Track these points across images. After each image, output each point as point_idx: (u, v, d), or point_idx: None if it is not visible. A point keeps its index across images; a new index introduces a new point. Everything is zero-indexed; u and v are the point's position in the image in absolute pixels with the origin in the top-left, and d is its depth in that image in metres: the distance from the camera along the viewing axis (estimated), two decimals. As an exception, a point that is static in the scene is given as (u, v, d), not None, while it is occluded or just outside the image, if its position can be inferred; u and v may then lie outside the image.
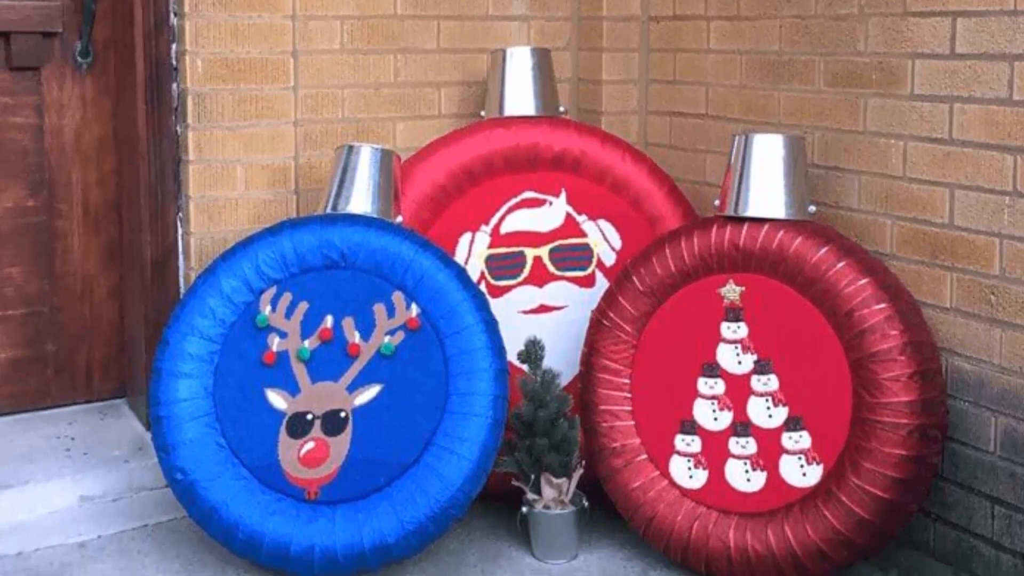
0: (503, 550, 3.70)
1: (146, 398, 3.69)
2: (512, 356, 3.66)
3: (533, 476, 3.64)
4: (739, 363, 3.52)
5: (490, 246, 3.99)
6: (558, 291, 3.99)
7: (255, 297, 3.60)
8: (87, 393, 4.38)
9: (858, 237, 3.61)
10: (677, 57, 4.35)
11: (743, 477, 3.47)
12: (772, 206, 3.55)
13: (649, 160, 4.13)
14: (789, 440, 3.43)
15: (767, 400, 3.47)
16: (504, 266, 3.98)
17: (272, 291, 3.61)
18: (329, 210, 3.77)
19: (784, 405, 3.45)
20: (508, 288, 3.98)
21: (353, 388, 3.53)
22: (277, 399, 3.53)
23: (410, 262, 3.59)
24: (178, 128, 4.00)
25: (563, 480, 3.62)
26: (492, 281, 3.97)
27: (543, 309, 3.99)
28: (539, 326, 3.90)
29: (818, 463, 3.38)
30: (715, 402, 3.53)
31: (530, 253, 3.99)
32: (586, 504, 3.67)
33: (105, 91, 4.26)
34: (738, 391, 3.51)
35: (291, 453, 3.47)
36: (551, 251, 4.00)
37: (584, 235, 4.02)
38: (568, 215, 4.03)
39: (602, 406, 3.64)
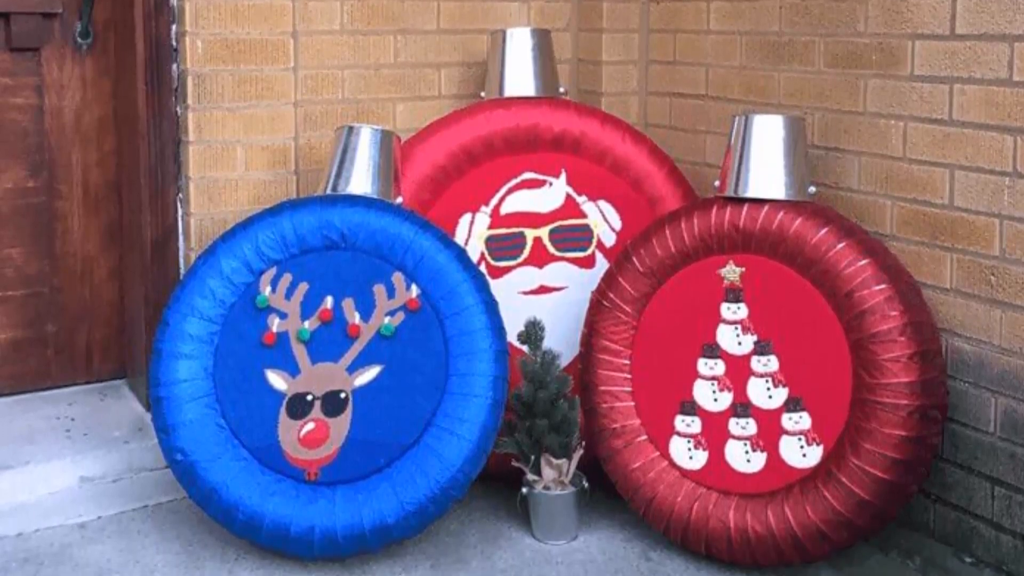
0: (503, 531, 3.71)
1: (146, 379, 3.69)
2: (512, 337, 3.65)
3: (533, 457, 3.64)
4: (739, 344, 3.52)
5: (490, 227, 3.99)
6: (558, 272, 3.99)
7: (255, 278, 3.60)
8: (87, 374, 4.39)
9: (858, 218, 3.61)
10: (677, 38, 4.34)
11: (743, 458, 3.47)
12: (772, 187, 3.54)
13: (649, 141, 4.12)
14: (789, 421, 3.43)
15: (767, 381, 3.47)
16: (504, 247, 3.98)
17: (272, 272, 3.60)
18: (329, 191, 3.77)
19: (784, 386, 3.45)
20: (508, 269, 3.97)
21: (353, 369, 3.53)
22: (277, 380, 3.53)
23: (410, 243, 3.59)
24: (178, 109, 4.00)
25: (563, 461, 3.62)
26: (492, 262, 3.96)
27: (543, 290, 3.98)
28: (539, 307, 3.90)
29: (818, 444, 3.38)
30: (715, 383, 3.53)
31: (530, 234, 3.99)
32: (586, 485, 3.67)
33: (105, 72, 4.26)
34: (738, 372, 3.51)
35: (291, 434, 3.47)
36: (551, 232, 4.00)
37: (584, 216, 4.02)
38: (568, 196, 4.02)
39: (602, 387, 3.64)
